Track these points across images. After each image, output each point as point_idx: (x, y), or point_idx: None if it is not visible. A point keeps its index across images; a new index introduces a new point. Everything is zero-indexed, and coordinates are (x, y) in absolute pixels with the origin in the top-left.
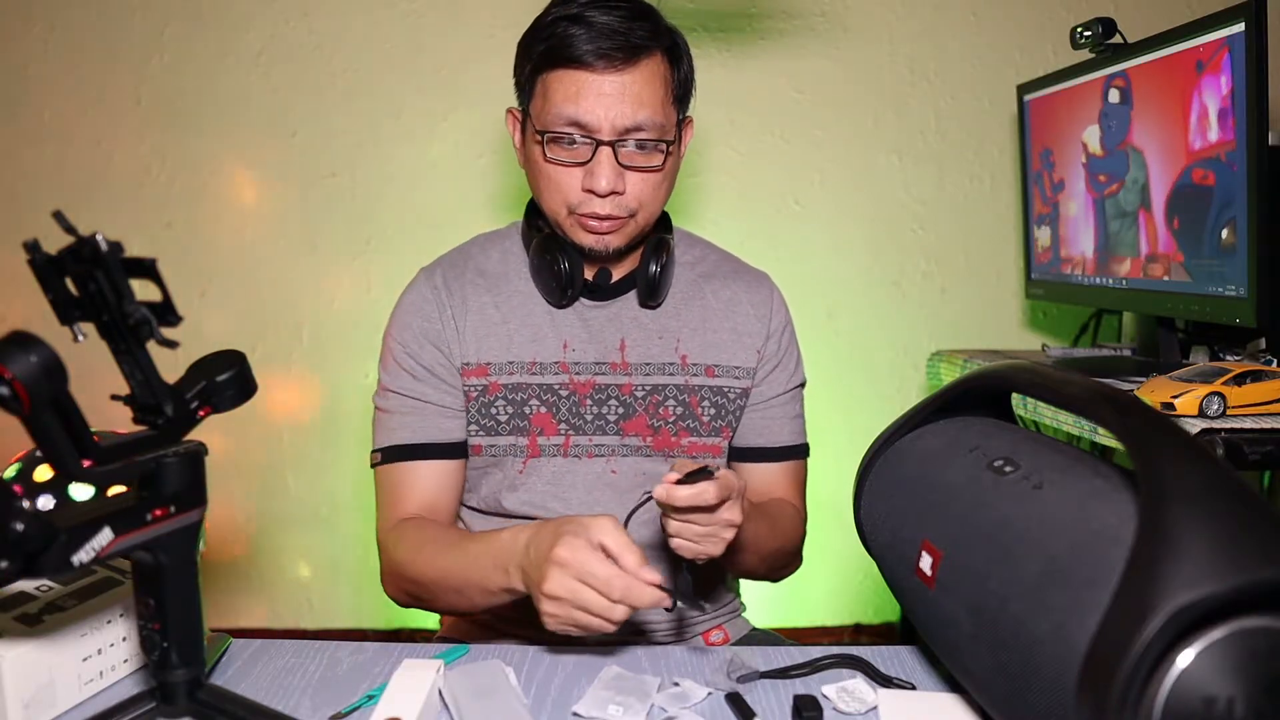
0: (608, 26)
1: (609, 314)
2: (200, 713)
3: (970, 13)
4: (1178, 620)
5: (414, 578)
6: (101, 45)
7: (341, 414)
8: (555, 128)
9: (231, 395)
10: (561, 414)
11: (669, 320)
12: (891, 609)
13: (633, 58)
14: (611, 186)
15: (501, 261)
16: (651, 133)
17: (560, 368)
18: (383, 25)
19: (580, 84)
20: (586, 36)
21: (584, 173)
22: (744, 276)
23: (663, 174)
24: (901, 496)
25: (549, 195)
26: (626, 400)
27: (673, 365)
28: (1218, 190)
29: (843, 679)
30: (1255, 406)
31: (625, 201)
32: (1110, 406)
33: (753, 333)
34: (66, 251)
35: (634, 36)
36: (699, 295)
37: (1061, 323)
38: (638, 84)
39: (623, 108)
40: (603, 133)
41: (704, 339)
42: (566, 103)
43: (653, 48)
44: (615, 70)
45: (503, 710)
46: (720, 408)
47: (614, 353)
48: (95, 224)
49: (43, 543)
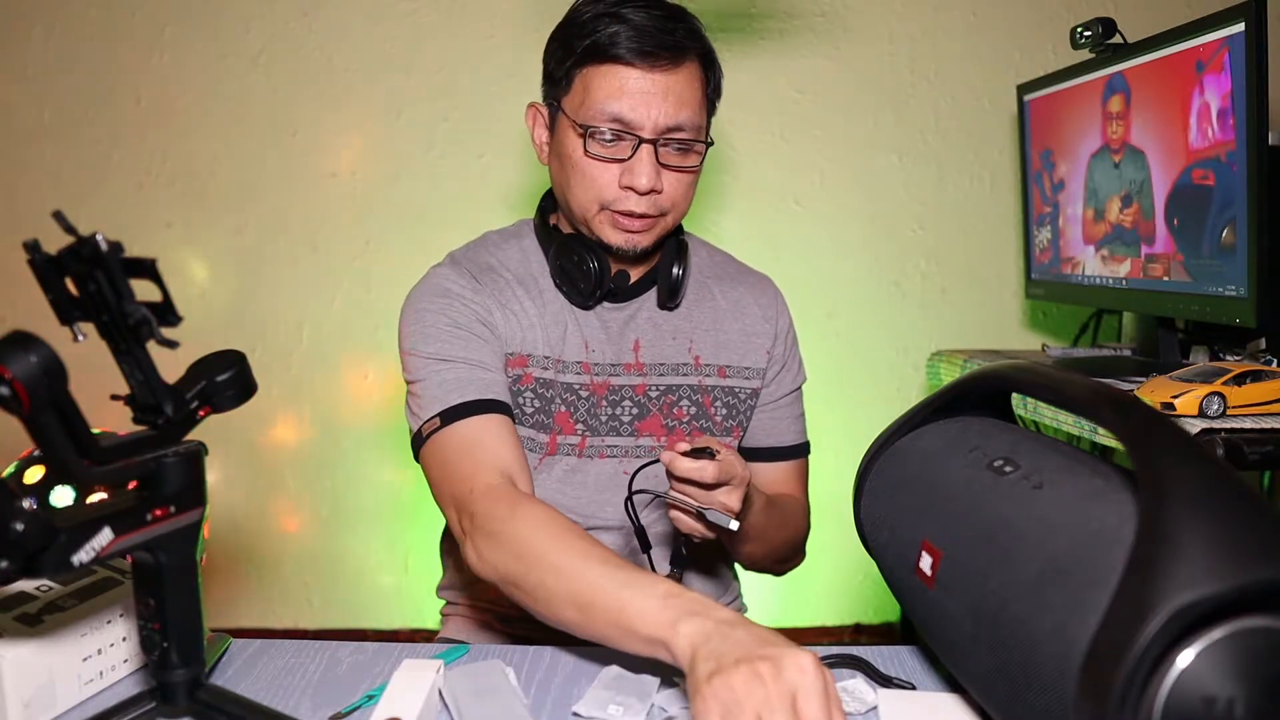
0: (649, 26)
1: (625, 315)
2: (200, 713)
3: (970, 13)
4: (1178, 620)
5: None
6: (101, 45)
7: (341, 414)
8: (598, 123)
9: (231, 395)
10: (580, 414)
11: (681, 321)
12: (891, 609)
13: (676, 59)
14: (651, 184)
15: (523, 261)
16: (690, 133)
17: (583, 368)
18: (383, 25)
19: (625, 79)
20: (631, 34)
21: (622, 170)
22: (748, 278)
23: (695, 175)
24: (901, 496)
25: (582, 191)
26: (640, 401)
27: (686, 366)
28: (1218, 190)
29: (843, 679)
30: (1255, 406)
31: (660, 201)
32: (1110, 406)
33: (761, 334)
34: (66, 251)
35: (678, 37)
36: (708, 296)
37: (1061, 323)
38: (680, 84)
39: (666, 107)
40: (645, 130)
41: (715, 339)
42: (610, 99)
43: (693, 51)
44: (660, 70)
45: (503, 710)
46: (732, 408)
47: (628, 354)
48: (95, 224)
49: (43, 543)
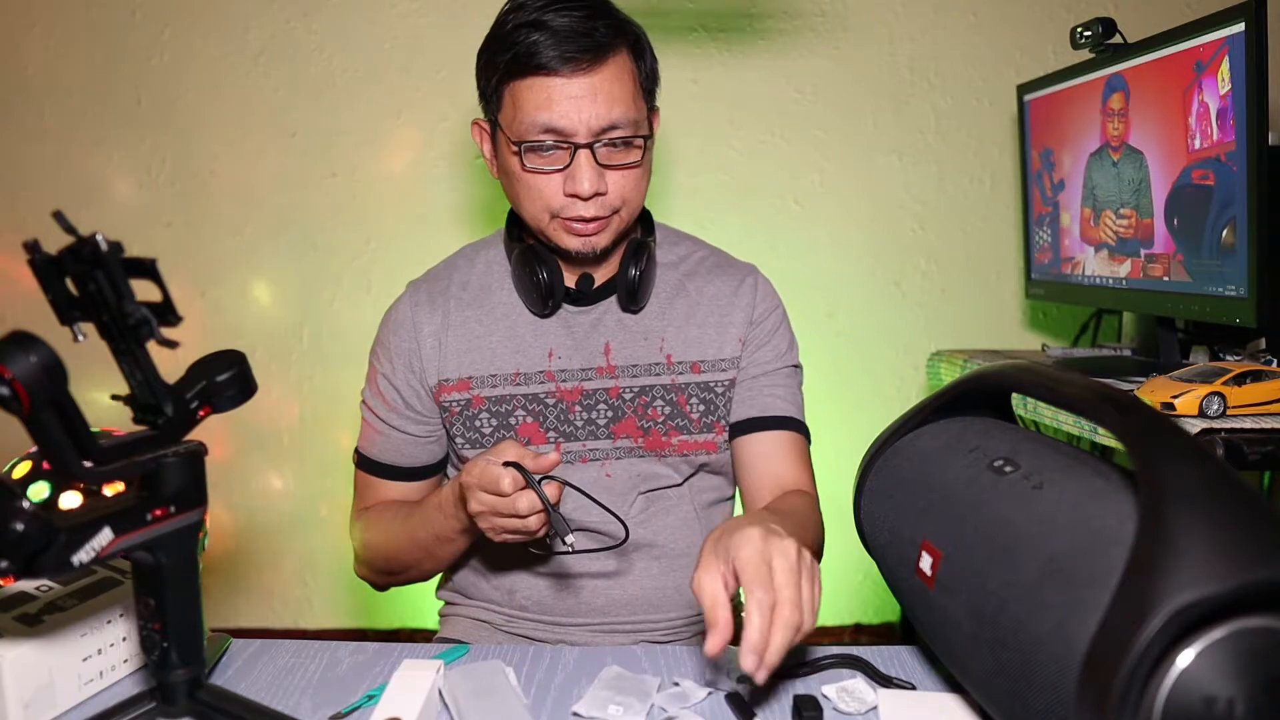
0: (569, 29)
1: (592, 319)
2: (200, 713)
3: (970, 13)
4: (1178, 620)
5: (379, 551)
6: (101, 45)
7: (341, 414)
8: (530, 136)
9: (231, 395)
10: (550, 422)
11: (653, 321)
12: (891, 609)
13: (600, 58)
14: (595, 188)
15: (485, 272)
16: (626, 129)
17: (546, 376)
18: (383, 25)
19: (550, 89)
20: (550, 41)
21: (564, 177)
22: (727, 270)
23: (641, 169)
24: (901, 496)
25: (529, 203)
26: (614, 403)
27: (658, 365)
28: (1218, 190)
29: (843, 679)
30: (1255, 406)
31: (609, 200)
32: (1110, 406)
33: (736, 323)
34: (66, 251)
35: (598, 36)
36: (682, 294)
37: (1061, 323)
38: (608, 82)
39: (596, 109)
40: (579, 136)
41: (687, 336)
42: (539, 110)
43: (618, 44)
44: (585, 72)
45: (503, 710)
46: (709, 404)
47: (599, 357)
48: (95, 224)
49: (43, 543)
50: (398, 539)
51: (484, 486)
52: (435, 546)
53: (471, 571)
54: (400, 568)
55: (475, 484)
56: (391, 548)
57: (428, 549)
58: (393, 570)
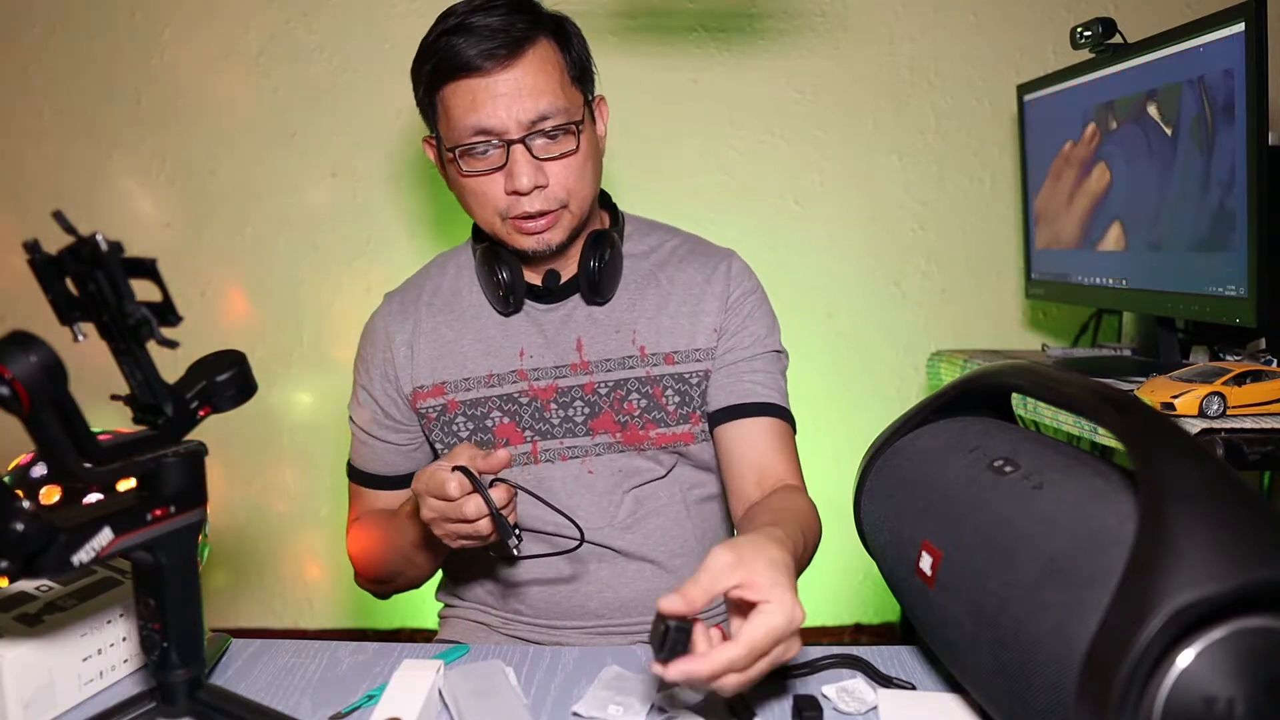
0: (488, 28)
1: (561, 315)
2: (200, 713)
3: (970, 13)
4: (1178, 620)
5: (368, 560)
6: (101, 45)
7: (341, 414)
8: (464, 140)
9: (231, 395)
10: (525, 421)
11: (624, 313)
12: (891, 609)
13: (518, 50)
14: (533, 182)
15: (455, 278)
16: (557, 118)
17: (518, 375)
18: (383, 25)
19: (474, 90)
20: (469, 42)
21: (503, 177)
22: (701, 257)
23: (581, 156)
24: (901, 496)
25: (478, 209)
26: (590, 399)
27: (632, 358)
28: (1216, 189)
29: (843, 679)
30: (1255, 406)
31: (552, 193)
32: (1110, 406)
33: (710, 311)
34: (66, 251)
35: (514, 30)
36: (653, 284)
37: (1061, 323)
38: (531, 74)
39: (522, 102)
40: (510, 132)
41: (659, 326)
42: (467, 113)
43: (536, 35)
44: (504, 67)
45: (503, 710)
46: (684, 395)
47: (572, 353)
48: (95, 224)
49: (43, 543)
50: (381, 548)
51: (432, 492)
52: (413, 554)
53: (468, 574)
54: (388, 575)
55: (424, 490)
56: (377, 557)
57: (407, 556)
58: (382, 579)
